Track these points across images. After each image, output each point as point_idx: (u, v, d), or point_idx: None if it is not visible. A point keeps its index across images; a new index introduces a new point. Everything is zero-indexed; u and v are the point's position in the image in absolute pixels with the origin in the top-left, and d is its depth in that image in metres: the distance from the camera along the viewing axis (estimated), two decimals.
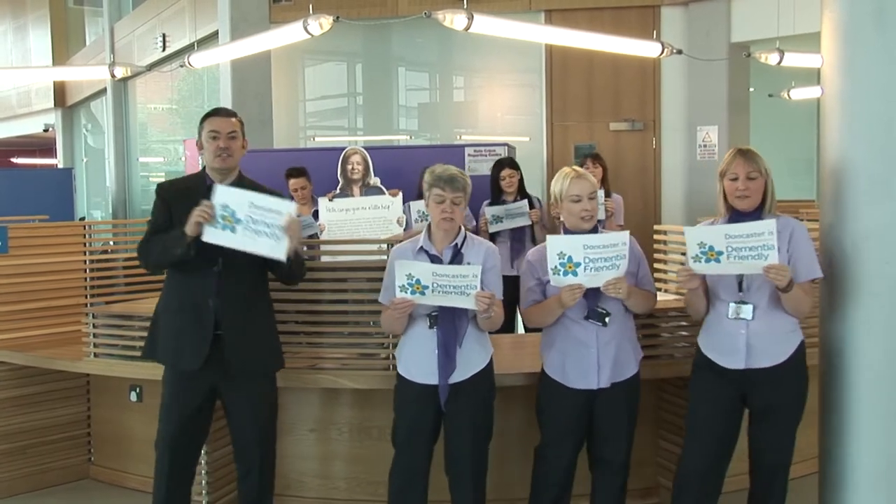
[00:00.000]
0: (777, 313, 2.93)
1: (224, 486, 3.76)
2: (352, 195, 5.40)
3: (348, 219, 4.96)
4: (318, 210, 5.07)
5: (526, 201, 5.29)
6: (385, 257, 3.38)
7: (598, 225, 3.21)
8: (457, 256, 3.07)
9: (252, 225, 3.02)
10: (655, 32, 7.38)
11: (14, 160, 19.65)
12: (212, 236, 3.03)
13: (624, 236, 3.00)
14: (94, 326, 3.91)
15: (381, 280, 3.19)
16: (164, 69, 9.42)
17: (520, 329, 5.20)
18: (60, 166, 14.39)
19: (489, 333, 3.20)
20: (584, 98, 7.89)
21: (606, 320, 3.05)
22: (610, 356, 3.07)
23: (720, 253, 2.86)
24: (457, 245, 3.09)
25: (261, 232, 3.03)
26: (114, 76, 7.62)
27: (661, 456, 3.85)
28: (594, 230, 3.10)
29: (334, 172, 5.54)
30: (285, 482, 3.88)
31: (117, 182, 11.61)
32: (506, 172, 5.37)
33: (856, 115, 2.82)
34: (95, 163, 13.85)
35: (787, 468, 3.05)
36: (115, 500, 4.16)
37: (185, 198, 3.09)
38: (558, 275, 2.98)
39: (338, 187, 5.49)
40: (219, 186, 3.09)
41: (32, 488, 4.25)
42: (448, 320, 3.03)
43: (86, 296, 4.51)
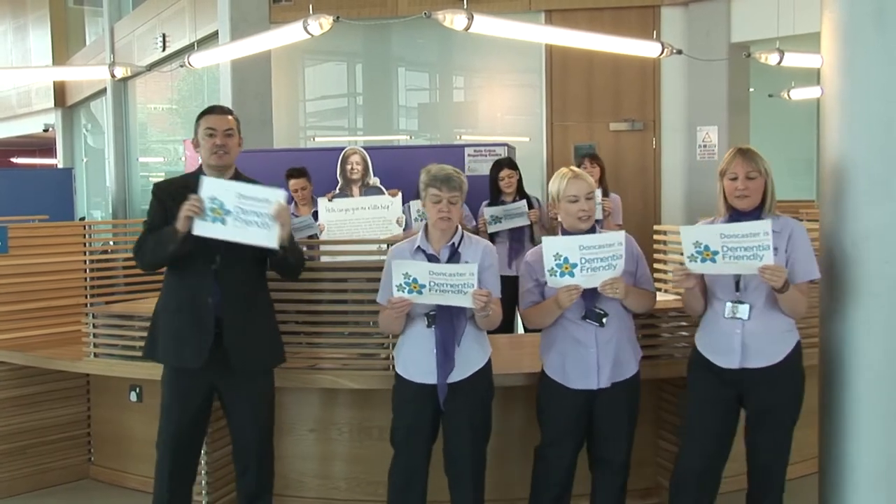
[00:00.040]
0: (773, 314, 2.93)
1: (224, 486, 3.76)
2: (351, 195, 5.39)
3: (348, 219, 4.96)
4: (318, 210, 5.07)
5: (525, 201, 5.29)
6: (384, 257, 3.38)
7: (597, 225, 3.20)
8: (454, 256, 3.06)
9: (242, 215, 3.01)
10: (655, 32, 7.38)
11: (14, 160, 19.65)
12: (202, 229, 3.02)
13: (620, 236, 2.99)
14: (94, 326, 3.91)
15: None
16: (164, 69, 9.42)
17: (519, 329, 5.20)
18: (60, 166, 14.38)
19: (488, 333, 3.20)
20: (584, 98, 7.89)
21: (604, 321, 3.05)
22: (609, 356, 3.07)
23: (715, 253, 2.85)
24: (454, 244, 3.09)
25: (251, 222, 3.01)
26: (114, 76, 7.63)
27: (660, 456, 3.85)
28: (592, 230, 3.10)
29: (334, 172, 5.54)
30: (285, 482, 3.88)
31: (117, 182, 11.61)
32: (504, 173, 5.37)
33: (856, 116, 2.82)
34: (95, 163, 13.85)
35: (784, 468, 3.04)
36: (115, 500, 4.16)
37: (181, 197, 3.08)
38: (555, 276, 2.97)
39: (337, 187, 5.48)
40: (206, 179, 3.07)
41: (32, 488, 4.25)
42: (446, 319, 3.02)
43: (86, 296, 4.51)
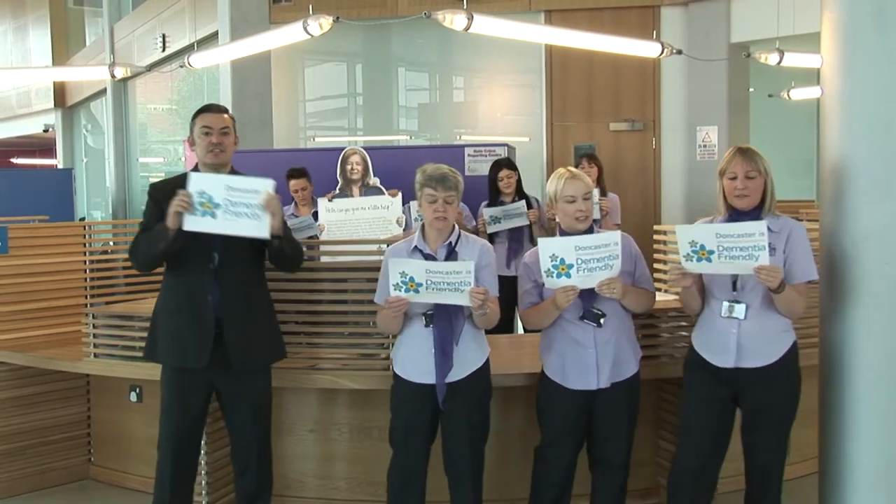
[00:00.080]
0: (770, 314, 2.93)
1: (224, 487, 3.76)
2: (351, 195, 5.40)
3: (348, 219, 4.96)
4: (318, 210, 5.08)
5: (524, 202, 5.29)
6: (384, 257, 3.37)
7: (594, 224, 3.20)
8: (451, 255, 3.06)
9: (231, 207, 3.00)
10: (655, 33, 7.38)
11: (14, 160, 19.64)
12: (193, 224, 3.01)
13: (615, 236, 2.98)
14: (94, 327, 3.91)
15: None
16: (164, 69, 9.42)
17: (519, 329, 5.20)
18: (60, 167, 14.38)
19: (488, 333, 3.20)
20: (584, 98, 7.89)
21: (602, 321, 3.05)
22: (609, 356, 3.07)
23: (711, 252, 2.85)
24: (451, 244, 3.09)
25: (241, 213, 3.00)
26: (114, 76, 7.63)
27: (660, 456, 3.85)
28: (589, 230, 3.09)
29: (334, 173, 5.54)
30: (285, 482, 3.88)
31: (117, 182, 11.61)
32: (503, 173, 5.37)
33: (856, 116, 2.81)
34: (95, 163, 13.85)
35: (781, 468, 3.04)
36: (115, 501, 4.16)
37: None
38: (551, 277, 2.97)
39: (337, 187, 5.49)
40: (193, 174, 3.07)
41: (32, 488, 4.25)
42: (444, 318, 3.02)
43: (86, 296, 4.51)
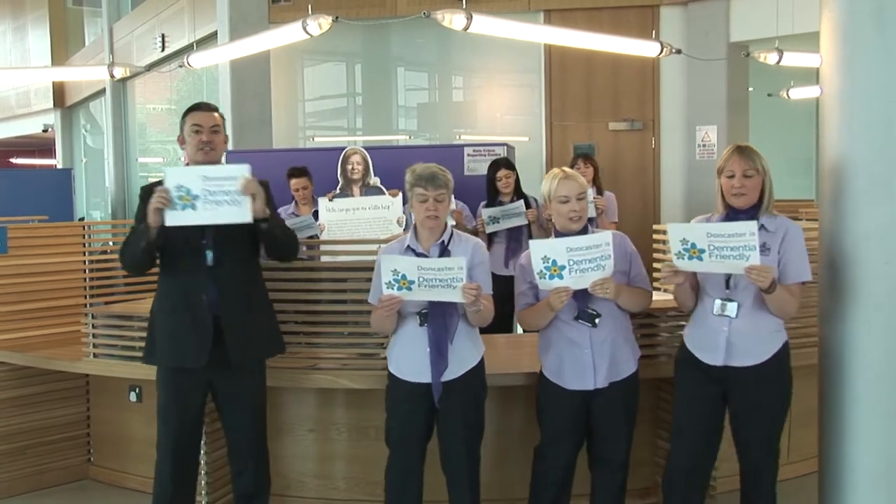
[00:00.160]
0: (761, 313, 2.93)
1: (223, 486, 3.76)
2: (352, 195, 5.40)
3: (348, 219, 4.95)
4: (318, 210, 5.07)
5: (522, 202, 5.29)
6: None
7: (590, 223, 3.20)
8: (444, 254, 3.06)
9: (210, 197, 3.01)
10: (654, 32, 7.37)
11: (13, 161, 19.63)
12: (175, 219, 3.02)
13: (607, 236, 2.98)
14: (93, 327, 3.91)
15: None
16: (164, 69, 9.40)
17: (518, 329, 5.19)
18: (59, 167, 14.37)
19: (487, 332, 3.20)
20: (584, 98, 7.89)
21: (597, 321, 3.04)
22: (605, 356, 3.06)
23: (702, 251, 2.85)
24: (443, 242, 3.09)
25: (221, 201, 3.02)
26: (113, 76, 7.62)
27: (659, 455, 3.84)
28: (584, 230, 3.09)
29: (334, 172, 5.54)
30: (285, 482, 3.88)
31: (116, 182, 11.60)
32: (502, 173, 5.37)
33: (855, 115, 2.81)
34: (94, 163, 13.84)
35: (774, 468, 3.03)
36: (114, 501, 4.16)
37: None
38: (544, 278, 2.97)
39: (338, 187, 5.49)
40: (168, 169, 3.08)
41: (32, 489, 4.25)
42: (438, 317, 3.02)
43: (85, 296, 4.51)
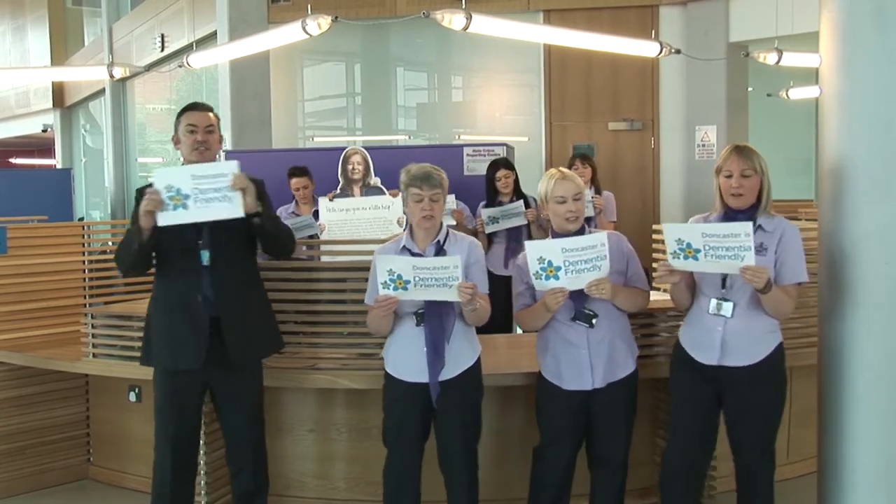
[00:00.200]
0: (757, 314, 2.93)
1: (223, 486, 3.75)
2: (352, 195, 5.40)
3: (348, 219, 4.95)
4: (319, 210, 5.07)
5: (521, 202, 5.29)
6: None
7: (587, 223, 3.20)
8: (440, 253, 3.05)
9: (201, 195, 3.01)
10: (654, 32, 7.38)
11: (13, 161, 19.63)
12: (167, 219, 3.02)
13: (602, 237, 2.98)
14: (92, 327, 3.91)
15: None
16: (163, 69, 9.40)
17: (518, 329, 5.19)
18: (59, 167, 14.37)
19: (485, 332, 3.19)
20: (583, 98, 7.89)
21: (593, 322, 3.05)
22: (603, 356, 3.07)
23: (697, 251, 2.86)
24: (439, 242, 3.09)
25: (212, 199, 3.01)
26: (112, 76, 7.61)
27: (658, 455, 3.83)
28: (581, 230, 3.09)
29: (334, 172, 5.54)
30: (285, 482, 3.88)
31: (116, 182, 11.60)
32: (501, 173, 5.37)
33: (855, 115, 2.81)
34: (94, 163, 13.83)
35: (770, 469, 3.03)
36: (114, 501, 4.16)
37: None
38: (540, 279, 2.97)
39: (338, 187, 5.49)
40: (157, 170, 3.10)
41: (32, 489, 4.25)
42: (435, 316, 3.02)
43: (85, 296, 4.51)
